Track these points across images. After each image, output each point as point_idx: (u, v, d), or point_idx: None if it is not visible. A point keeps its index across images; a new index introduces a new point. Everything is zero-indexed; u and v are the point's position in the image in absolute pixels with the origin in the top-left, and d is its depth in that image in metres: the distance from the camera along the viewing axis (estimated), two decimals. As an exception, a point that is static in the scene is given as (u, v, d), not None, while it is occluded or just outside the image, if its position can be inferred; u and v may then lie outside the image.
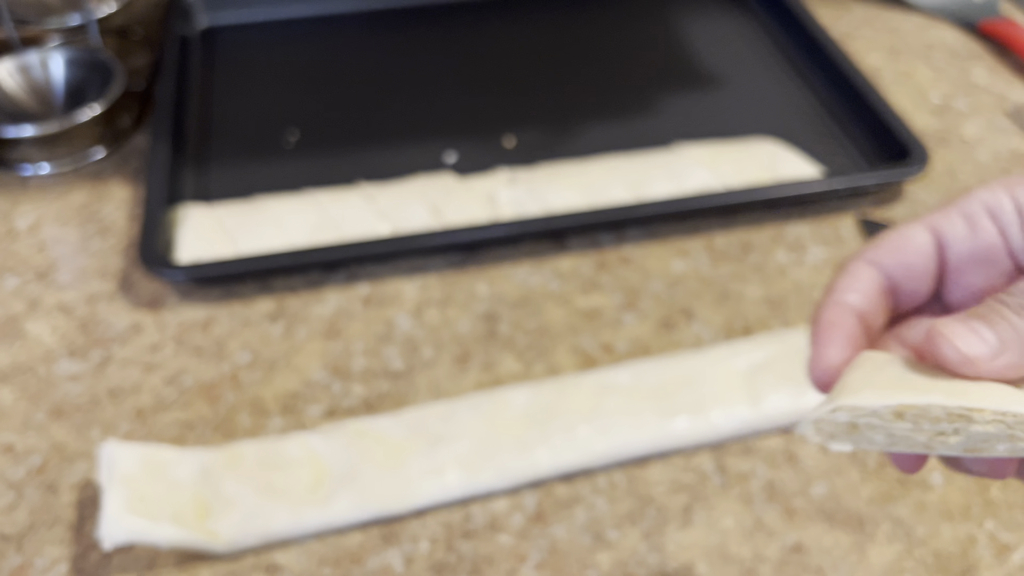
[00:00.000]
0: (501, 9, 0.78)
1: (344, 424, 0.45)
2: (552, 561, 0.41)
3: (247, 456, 0.43)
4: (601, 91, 0.69)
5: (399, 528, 0.43)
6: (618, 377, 0.47)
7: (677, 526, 0.43)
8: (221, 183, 0.61)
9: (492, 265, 0.56)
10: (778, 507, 0.44)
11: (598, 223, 0.56)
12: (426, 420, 0.45)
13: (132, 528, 0.38)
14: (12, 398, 0.48)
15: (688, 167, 0.59)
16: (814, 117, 0.67)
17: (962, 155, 0.64)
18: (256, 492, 0.42)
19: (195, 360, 0.50)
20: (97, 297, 0.54)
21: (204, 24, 0.75)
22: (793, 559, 0.42)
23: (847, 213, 0.60)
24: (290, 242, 0.54)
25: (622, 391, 0.46)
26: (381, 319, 0.53)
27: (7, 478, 0.44)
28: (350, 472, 0.43)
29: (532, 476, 0.44)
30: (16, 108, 0.63)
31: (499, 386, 0.48)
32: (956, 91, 0.70)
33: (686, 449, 0.46)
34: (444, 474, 0.43)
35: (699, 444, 0.46)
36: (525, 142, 0.65)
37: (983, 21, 0.76)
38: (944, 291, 0.31)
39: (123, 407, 0.48)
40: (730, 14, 0.78)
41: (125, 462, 0.41)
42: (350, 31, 0.76)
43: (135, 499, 0.39)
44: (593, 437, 0.44)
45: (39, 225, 0.58)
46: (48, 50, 0.66)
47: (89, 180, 0.61)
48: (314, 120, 0.67)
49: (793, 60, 0.73)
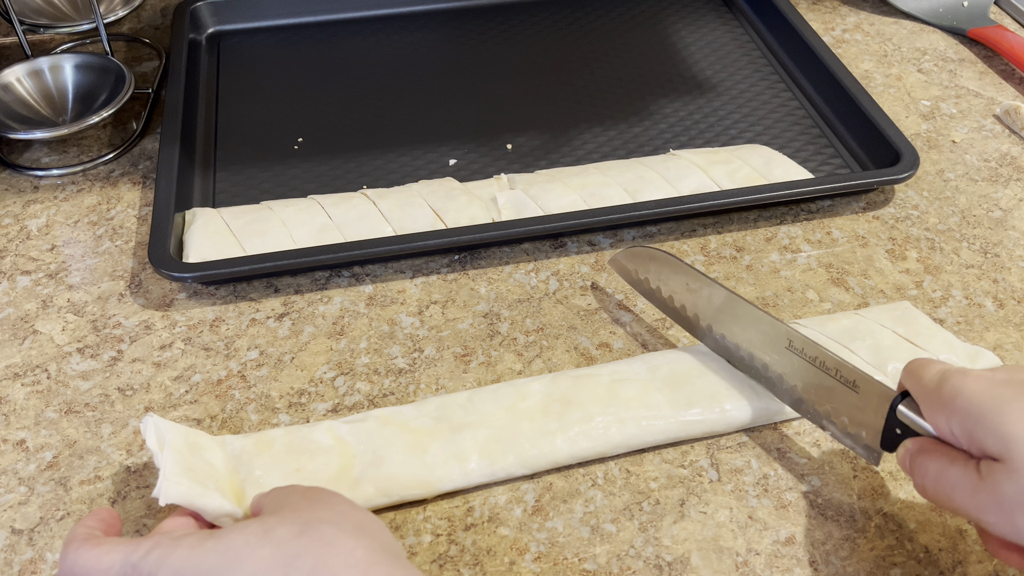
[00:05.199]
0: (502, 17, 0.79)
1: (369, 413, 0.47)
2: (551, 553, 0.42)
3: (276, 442, 0.44)
4: (598, 98, 0.71)
5: (402, 521, 0.44)
6: (633, 369, 0.48)
7: (672, 519, 0.44)
8: (228, 185, 0.62)
9: (492, 266, 0.57)
10: (771, 501, 0.45)
11: (595, 225, 0.57)
12: (448, 409, 0.46)
13: (187, 491, 0.39)
14: (24, 395, 0.49)
15: (683, 171, 0.60)
16: (806, 122, 0.69)
17: (952, 158, 0.66)
18: (285, 477, 0.43)
19: (203, 358, 0.51)
20: (107, 297, 0.55)
21: (211, 29, 0.76)
22: (786, 552, 0.43)
23: (839, 215, 0.61)
24: (296, 244, 0.55)
25: (637, 382, 0.47)
26: (385, 318, 0.54)
27: (19, 473, 0.46)
28: (376, 458, 0.44)
29: (551, 463, 0.45)
30: (27, 112, 0.64)
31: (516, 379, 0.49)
32: (946, 95, 0.71)
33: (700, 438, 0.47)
34: (467, 460, 0.44)
35: (713, 433, 0.47)
36: (524, 147, 0.66)
37: (972, 27, 0.77)
38: None
39: (133, 404, 0.49)
40: (724, 22, 0.80)
41: (172, 434, 0.41)
42: (355, 36, 0.77)
43: (186, 467, 0.40)
44: (610, 426, 0.46)
45: (50, 226, 0.59)
46: (58, 55, 0.67)
47: (99, 182, 0.63)
48: (319, 123, 0.68)
49: (786, 66, 0.74)
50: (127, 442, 0.47)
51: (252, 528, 0.34)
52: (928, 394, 0.37)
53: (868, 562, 0.42)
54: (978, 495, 0.35)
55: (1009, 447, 0.33)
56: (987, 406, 0.35)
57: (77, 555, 0.35)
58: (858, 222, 0.60)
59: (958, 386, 0.36)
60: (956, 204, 0.62)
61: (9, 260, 0.57)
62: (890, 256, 0.58)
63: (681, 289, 0.50)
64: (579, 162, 0.64)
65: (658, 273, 0.51)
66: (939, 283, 0.56)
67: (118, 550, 0.34)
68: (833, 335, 0.50)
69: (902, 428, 0.39)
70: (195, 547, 0.33)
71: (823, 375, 0.43)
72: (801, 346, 0.44)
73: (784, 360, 0.45)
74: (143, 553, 0.34)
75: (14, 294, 0.55)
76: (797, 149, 0.66)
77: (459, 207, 0.58)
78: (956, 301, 0.55)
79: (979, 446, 0.35)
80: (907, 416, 0.39)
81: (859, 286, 0.56)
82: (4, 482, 0.45)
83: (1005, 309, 0.55)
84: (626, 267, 0.53)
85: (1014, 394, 0.35)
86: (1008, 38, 0.74)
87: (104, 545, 0.35)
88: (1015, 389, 0.35)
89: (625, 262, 0.53)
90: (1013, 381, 0.35)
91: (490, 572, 0.42)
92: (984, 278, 0.57)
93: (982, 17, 0.78)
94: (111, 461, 0.46)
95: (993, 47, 0.75)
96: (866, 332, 0.50)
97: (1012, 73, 0.74)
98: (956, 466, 0.36)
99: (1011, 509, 0.34)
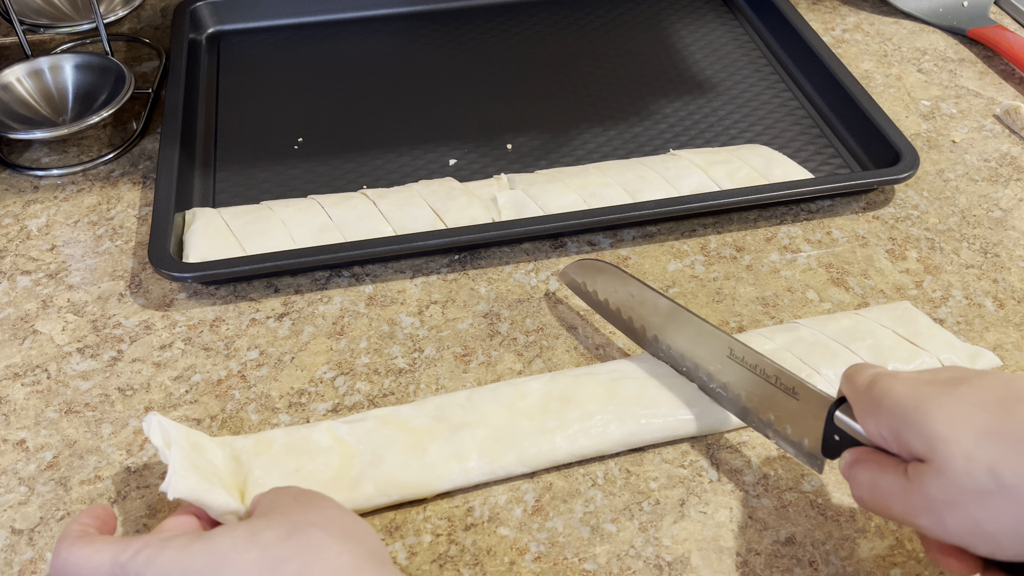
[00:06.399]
0: (502, 17, 0.79)
1: (368, 412, 0.47)
2: (551, 553, 0.42)
3: (276, 443, 0.44)
4: (598, 98, 0.71)
5: (402, 520, 0.44)
6: (632, 367, 0.49)
7: (672, 519, 0.44)
8: (228, 185, 0.62)
9: (492, 266, 0.57)
10: (771, 501, 0.45)
11: (595, 225, 0.58)
12: (447, 408, 0.46)
13: (195, 486, 0.39)
14: (24, 395, 0.49)
15: (683, 171, 0.60)
16: (807, 121, 0.69)
17: (952, 158, 0.66)
18: (285, 477, 0.43)
19: (203, 358, 0.51)
20: (107, 297, 0.55)
21: (211, 29, 0.76)
22: (785, 552, 0.43)
23: (839, 215, 0.61)
24: (296, 244, 0.55)
25: (636, 380, 0.47)
26: (385, 318, 0.54)
27: (19, 473, 0.46)
28: (375, 458, 0.44)
29: (550, 461, 0.45)
30: (27, 112, 0.64)
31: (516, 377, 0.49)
32: (946, 95, 0.71)
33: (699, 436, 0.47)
34: (466, 459, 0.44)
35: (711, 431, 0.47)
36: (524, 147, 0.66)
37: (972, 27, 0.77)
38: None
39: (133, 404, 0.49)
40: (724, 22, 0.80)
41: (176, 432, 0.42)
42: (355, 36, 0.77)
43: (192, 464, 0.40)
44: (609, 424, 0.46)
45: (50, 226, 0.59)
46: (58, 55, 0.67)
47: (99, 182, 0.63)
48: (319, 123, 0.68)
49: (786, 66, 0.74)
50: (127, 442, 0.47)
51: (240, 531, 0.34)
52: (859, 397, 0.37)
53: (868, 562, 0.42)
54: (909, 498, 0.34)
55: (933, 446, 0.33)
56: (911, 405, 0.34)
57: (69, 552, 0.35)
58: (858, 222, 0.60)
59: (885, 387, 0.36)
60: (956, 204, 0.62)
61: (9, 260, 0.57)
62: (890, 256, 0.58)
63: (628, 300, 0.49)
64: (579, 162, 0.64)
65: (605, 285, 0.51)
66: (939, 283, 0.56)
67: (108, 549, 0.35)
68: (833, 335, 0.50)
69: (840, 434, 0.39)
70: (183, 549, 0.34)
71: (764, 383, 0.43)
72: (742, 355, 0.44)
73: (727, 369, 0.45)
74: (132, 553, 0.34)
75: (14, 294, 0.55)
76: (797, 149, 0.66)
77: (459, 207, 0.58)
78: (956, 301, 0.55)
79: (906, 447, 0.35)
80: (843, 421, 0.39)
81: (859, 286, 0.56)
82: (4, 482, 0.45)
83: (1005, 309, 0.55)
84: (575, 280, 0.53)
85: (937, 392, 0.34)
86: (1008, 38, 0.74)
87: (95, 543, 0.35)
88: (938, 388, 0.35)
89: (574, 275, 0.53)
90: (937, 380, 0.35)
91: (490, 572, 0.42)
92: (984, 278, 0.57)
93: (982, 17, 0.78)
94: (111, 461, 0.46)
95: (993, 47, 0.75)
96: (866, 332, 0.50)
97: (1012, 73, 0.74)
98: (888, 472, 0.35)
99: (940, 510, 0.33)
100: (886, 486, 0.35)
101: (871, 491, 0.36)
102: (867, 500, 0.37)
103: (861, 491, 0.37)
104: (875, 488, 0.36)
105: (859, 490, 0.37)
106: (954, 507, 0.33)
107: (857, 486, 0.37)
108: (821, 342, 0.49)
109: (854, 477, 0.37)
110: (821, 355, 0.49)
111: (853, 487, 0.37)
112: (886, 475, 0.35)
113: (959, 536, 0.33)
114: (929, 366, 0.49)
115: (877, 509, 0.36)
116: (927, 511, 0.34)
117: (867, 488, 0.36)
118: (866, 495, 0.36)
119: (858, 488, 0.37)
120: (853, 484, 0.37)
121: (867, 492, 0.36)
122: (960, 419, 0.33)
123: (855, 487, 0.37)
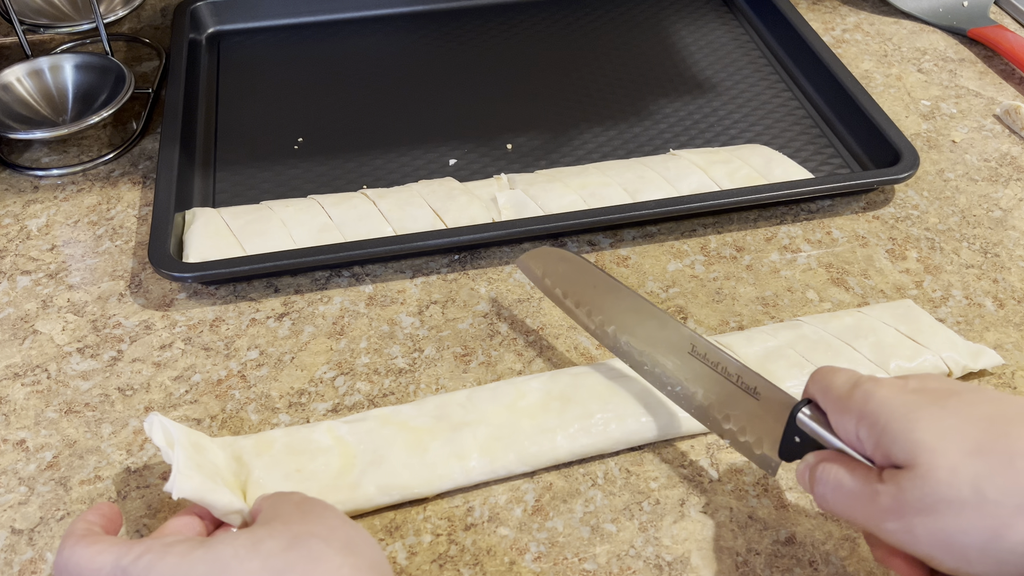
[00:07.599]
0: (502, 17, 0.79)
1: (369, 412, 0.47)
2: (551, 553, 0.42)
3: (276, 443, 0.44)
4: (598, 98, 0.71)
5: (402, 520, 0.44)
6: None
7: (672, 519, 0.44)
8: (228, 185, 0.62)
9: (492, 266, 0.57)
10: (771, 501, 0.45)
11: (595, 225, 0.58)
12: (447, 408, 0.46)
13: (199, 486, 0.39)
14: (24, 395, 0.49)
15: (683, 171, 0.60)
16: (807, 121, 0.69)
17: (952, 158, 0.66)
18: (286, 478, 0.43)
19: (203, 358, 0.51)
20: (107, 297, 0.55)
21: (211, 29, 0.76)
22: (785, 552, 0.43)
23: (839, 215, 0.61)
24: (296, 244, 0.55)
25: (635, 379, 0.47)
26: (385, 318, 0.54)
27: (19, 473, 0.46)
28: (376, 458, 0.44)
29: (551, 460, 0.45)
30: (27, 112, 0.64)
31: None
32: (946, 95, 0.71)
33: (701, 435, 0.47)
34: (467, 459, 0.44)
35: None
36: (524, 147, 0.66)
37: (972, 27, 0.77)
38: None
39: (133, 404, 0.49)
40: (724, 22, 0.80)
41: (178, 431, 0.42)
42: (355, 36, 0.77)
43: (195, 464, 0.40)
44: (609, 422, 0.46)
45: (50, 226, 0.59)
46: (58, 55, 0.67)
47: (99, 182, 0.63)
48: (319, 123, 0.68)
49: (786, 66, 0.74)
50: (127, 442, 0.47)
51: (241, 540, 0.34)
52: (837, 398, 0.37)
53: (868, 562, 0.42)
54: (878, 501, 0.34)
55: (916, 454, 0.33)
56: (898, 412, 0.34)
57: (72, 552, 0.35)
58: (858, 222, 0.60)
59: (870, 391, 0.36)
60: (956, 204, 0.62)
61: (9, 260, 0.57)
62: (890, 256, 0.58)
63: (588, 293, 0.48)
64: (579, 162, 0.64)
65: (564, 276, 0.49)
66: (939, 283, 0.56)
67: (111, 551, 0.35)
68: (836, 333, 0.50)
69: (801, 437, 0.39)
70: (184, 555, 0.34)
71: (725, 381, 0.42)
72: (704, 351, 0.43)
73: (687, 366, 0.44)
74: (133, 557, 0.34)
75: (14, 294, 0.55)
76: (797, 149, 0.66)
77: (459, 207, 0.58)
78: (956, 301, 0.55)
79: (885, 452, 0.35)
80: (807, 424, 0.38)
81: (859, 286, 0.56)
82: (4, 482, 0.45)
83: (1005, 309, 0.55)
84: (532, 269, 0.51)
85: (925, 401, 0.34)
86: (1008, 38, 0.74)
87: (99, 544, 0.35)
88: (926, 397, 0.35)
89: (531, 263, 0.51)
90: (925, 389, 0.35)
91: (490, 572, 0.42)
92: (984, 278, 0.57)
93: (982, 17, 0.78)
94: (111, 461, 0.46)
95: (993, 47, 0.75)
96: (868, 330, 0.50)
97: (1012, 73, 0.74)
98: (856, 474, 0.35)
99: (911, 517, 0.33)
100: (851, 487, 0.35)
101: (835, 491, 0.36)
102: (830, 499, 0.37)
103: (825, 490, 0.37)
104: (839, 489, 0.36)
105: (823, 488, 0.37)
106: (928, 516, 0.33)
107: (822, 484, 0.37)
108: (824, 339, 0.49)
109: (819, 476, 0.37)
110: (824, 352, 0.49)
111: (816, 486, 0.37)
112: (853, 477, 0.36)
113: (927, 546, 0.33)
114: (932, 364, 0.49)
115: (838, 510, 0.36)
116: (897, 516, 0.34)
117: (832, 487, 0.36)
118: (830, 494, 0.36)
119: (822, 487, 0.37)
120: (817, 483, 0.37)
121: (831, 491, 0.36)
122: (949, 431, 0.33)
123: (819, 485, 0.37)
